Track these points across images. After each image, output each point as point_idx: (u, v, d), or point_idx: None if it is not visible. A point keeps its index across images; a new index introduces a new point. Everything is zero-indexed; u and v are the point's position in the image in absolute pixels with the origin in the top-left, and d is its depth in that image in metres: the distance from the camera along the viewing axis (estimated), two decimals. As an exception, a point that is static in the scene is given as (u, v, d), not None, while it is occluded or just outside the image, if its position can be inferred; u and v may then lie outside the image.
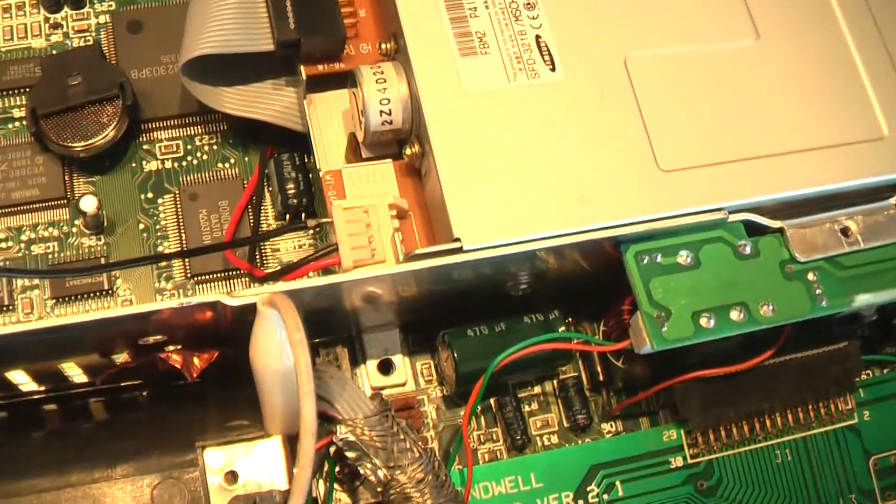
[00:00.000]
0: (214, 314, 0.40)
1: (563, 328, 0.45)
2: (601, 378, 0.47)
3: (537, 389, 0.48)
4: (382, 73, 0.43)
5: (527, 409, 0.47)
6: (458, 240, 0.40)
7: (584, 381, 0.48)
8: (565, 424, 0.47)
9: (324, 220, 0.44)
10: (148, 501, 0.42)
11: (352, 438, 0.42)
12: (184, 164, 0.49)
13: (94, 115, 0.47)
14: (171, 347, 0.43)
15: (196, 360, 0.42)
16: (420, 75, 0.43)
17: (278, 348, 0.38)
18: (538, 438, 0.47)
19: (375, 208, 0.43)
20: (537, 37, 0.44)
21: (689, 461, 0.47)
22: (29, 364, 0.43)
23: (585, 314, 0.47)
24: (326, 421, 0.42)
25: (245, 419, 0.43)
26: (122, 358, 0.44)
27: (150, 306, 0.39)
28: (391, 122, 0.43)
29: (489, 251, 0.40)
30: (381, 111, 0.43)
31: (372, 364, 0.46)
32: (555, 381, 0.48)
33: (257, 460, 0.42)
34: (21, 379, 0.44)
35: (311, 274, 0.44)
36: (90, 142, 0.47)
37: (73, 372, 0.45)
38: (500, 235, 0.41)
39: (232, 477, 0.42)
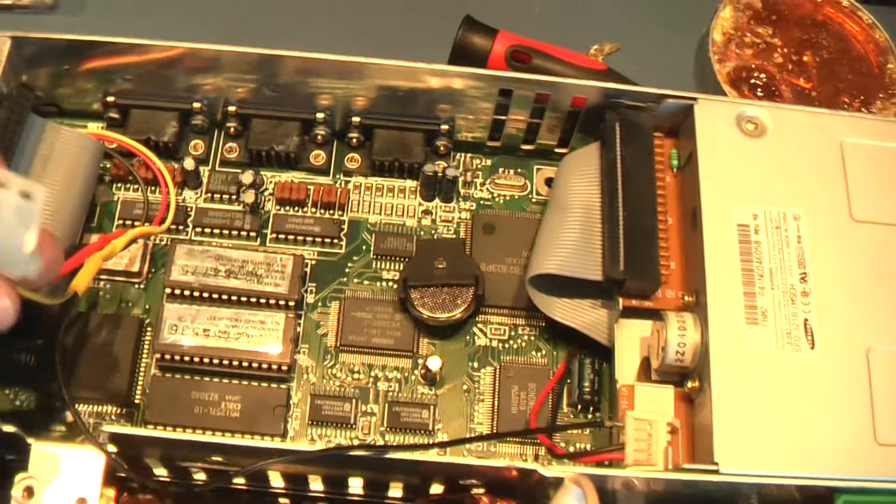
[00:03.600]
0: (520, 475, 0.65)
1: (772, 545, 0.69)
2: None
3: (742, 587, 0.71)
4: (684, 322, 0.68)
5: None
6: (716, 463, 0.64)
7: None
8: None
9: (617, 423, 0.69)
10: None
11: None
12: (505, 345, 0.75)
13: (451, 295, 0.73)
14: (477, 490, 0.68)
15: (499, 505, 0.67)
16: (713, 332, 0.67)
17: (572, 516, 0.63)
18: None
19: (657, 423, 0.67)
20: (805, 320, 0.68)
21: None
22: (368, 474, 0.68)
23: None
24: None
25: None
26: (436, 488, 0.69)
27: (483, 461, 0.64)
28: (682, 361, 0.68)
29: (738, 478, 0.64)
30: (677, 352, 0.68)
31: (620, 537, 0.70)
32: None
33: None
34: (356, 484, 0.70)
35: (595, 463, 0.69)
36: (444, 315, 0.73)
37: (395, 487, 0.70)
38: (748, 467, 0.64)
39: None
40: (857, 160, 0.73)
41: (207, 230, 0.77)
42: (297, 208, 0.78)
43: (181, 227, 0.77)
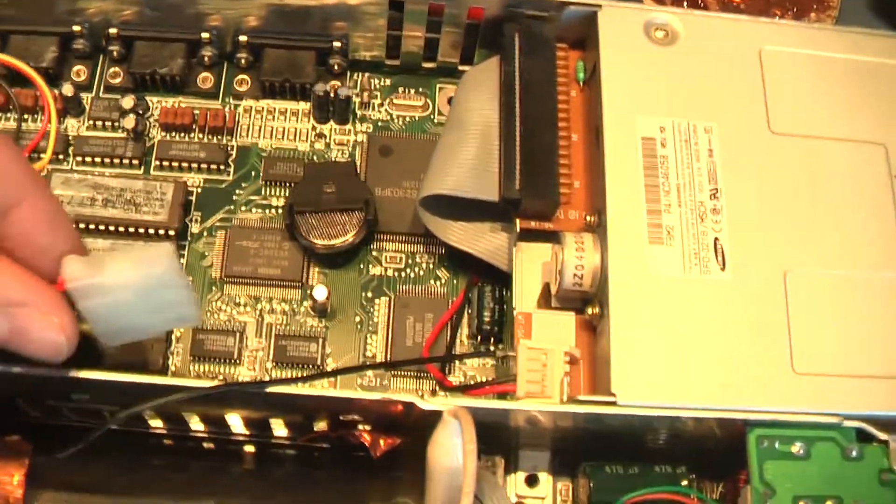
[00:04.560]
0: (405, 410, 0.58)
1: (685, 482, 0.61)
2: (709, 532, 0.63)
3: (653, 529, 0.64)
4: (582, 242, 0.61)
5: (639, 543, 0.64)
6: (614, 395, 0.57)
7: (694, 532, 0.64)
8: (670, 564, 0.64)
9: (510, 353, 0.62)
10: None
11: (493, 535, 0.59)
12: (402, 274, 0.69)
13: (339, 221, 0.67)
14: (362, 427, 0.61)
15: (382, 442, 0.60)
16: (612, 253, 0.60)
17: (452, 451, 0.55)
18: (645, 572, 0.63)
19: (553, 352, 0.60)
20: (716, 239, 0.61)
21: None
22: (246, 411, 0.62)
23: (707, 474, 0.63)
24: (475, 515, 0.59)
25: (407, 498, 0.62)
26: (320, 425, 0.62)
27: (359, 394, 0.58)
28: (581, 285, 0.61)
29: (638, 410, 0.57)
30: (575, 274, 0.61)
31: (521, 476, 0.63)
32: (669, 526, 0.64)
33: (413, 536, 0.60)
34: (235, 422, 0.63)
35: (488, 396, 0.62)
36: (332, 242, 0.67)
37: (277, 426, 0.63)
38: (649, 398, 0.57)
39: (390, 545, 0.60)
40: (777, 69, 0.66)
41: (89, 159, 0.71)
42: (182, 134, 0.72)
43: (62, 157, 0.70)
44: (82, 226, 0.67)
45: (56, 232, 0.53)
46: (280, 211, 0.70)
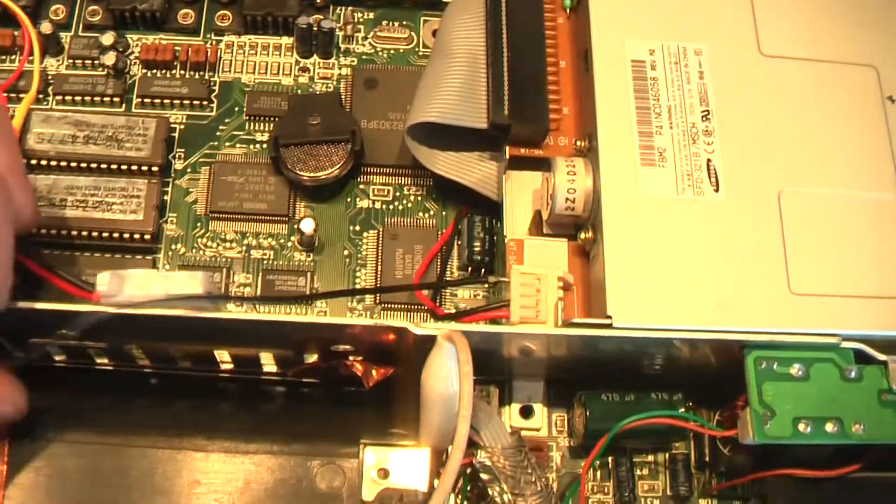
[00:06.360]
0: (397, 338, 0.55)
1: (682, 409, 0.59)
2: (707, 459, 0.61)
3: (650, 458, 0.62)
4: (574, 166, 0.59)
5: (638, 472, 0.61)
6: (609, 317, 0.55)
7: (692, 459, 0.62)
8: (668, 493, 0.61)
9: (502, 278, 0.59)
10: (312, 477, 0.58)
11: (488, 463, 0.56)
12: (390, 207, 0.66)
13: (325, 152, 0.64)
14: (353, 358, 0.58)
15: (374, 372, 0.58)
16: (605, 175, 0.58)
17: (447, 376, 0.53)
18: (643, 499, 0.61)
19: (546, 277, 0.58)
20: (708, 160, 0.59)
21: (770, 549, 0.60)
22: (233, 347, 0.59)
23: (704, 402, 0.61)
24: (470, 445, 0.57)
25: (401, 429, 0.59)
26: (311, 358, 0.59)
27: (350, 321, 0.55)
28: (573, 210, 0.59)
29: (633, 332, 0.55)
30: (567, 198, 0.59)
31: (515, 407, 0.61)
32: (666, 454, 0.62)
33: (407, 464, 0.58)
34: (224, 358, 0.60)
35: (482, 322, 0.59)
36: (318, 174, 0.64)
37: (267, 361, 0.61)
38: (645, 321, 0.55)
39: (384, 473, 0.58)
40: (765, -10, 0.64)
41: (69, 98, 0.68)
42: (164, 71, 0.68)
43: (42, 97, 0.68)
44: (63, 164, 0.64)
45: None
46: (264, 146, 0.67)
